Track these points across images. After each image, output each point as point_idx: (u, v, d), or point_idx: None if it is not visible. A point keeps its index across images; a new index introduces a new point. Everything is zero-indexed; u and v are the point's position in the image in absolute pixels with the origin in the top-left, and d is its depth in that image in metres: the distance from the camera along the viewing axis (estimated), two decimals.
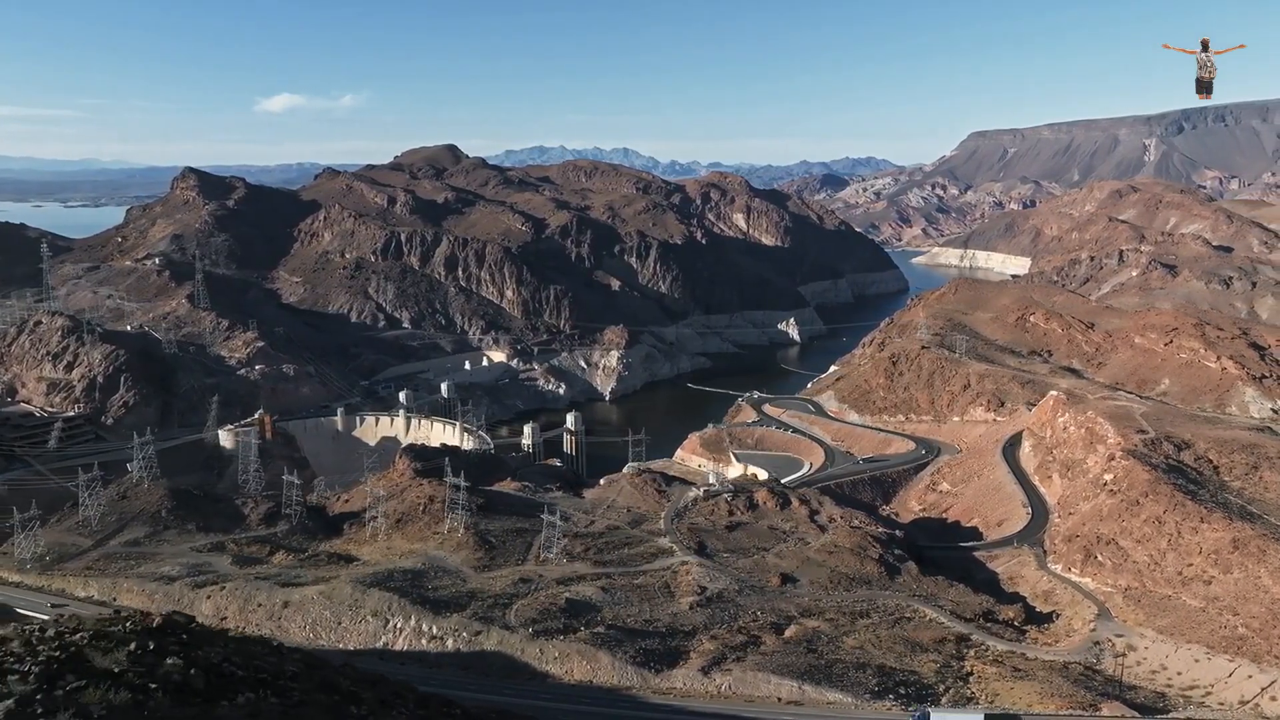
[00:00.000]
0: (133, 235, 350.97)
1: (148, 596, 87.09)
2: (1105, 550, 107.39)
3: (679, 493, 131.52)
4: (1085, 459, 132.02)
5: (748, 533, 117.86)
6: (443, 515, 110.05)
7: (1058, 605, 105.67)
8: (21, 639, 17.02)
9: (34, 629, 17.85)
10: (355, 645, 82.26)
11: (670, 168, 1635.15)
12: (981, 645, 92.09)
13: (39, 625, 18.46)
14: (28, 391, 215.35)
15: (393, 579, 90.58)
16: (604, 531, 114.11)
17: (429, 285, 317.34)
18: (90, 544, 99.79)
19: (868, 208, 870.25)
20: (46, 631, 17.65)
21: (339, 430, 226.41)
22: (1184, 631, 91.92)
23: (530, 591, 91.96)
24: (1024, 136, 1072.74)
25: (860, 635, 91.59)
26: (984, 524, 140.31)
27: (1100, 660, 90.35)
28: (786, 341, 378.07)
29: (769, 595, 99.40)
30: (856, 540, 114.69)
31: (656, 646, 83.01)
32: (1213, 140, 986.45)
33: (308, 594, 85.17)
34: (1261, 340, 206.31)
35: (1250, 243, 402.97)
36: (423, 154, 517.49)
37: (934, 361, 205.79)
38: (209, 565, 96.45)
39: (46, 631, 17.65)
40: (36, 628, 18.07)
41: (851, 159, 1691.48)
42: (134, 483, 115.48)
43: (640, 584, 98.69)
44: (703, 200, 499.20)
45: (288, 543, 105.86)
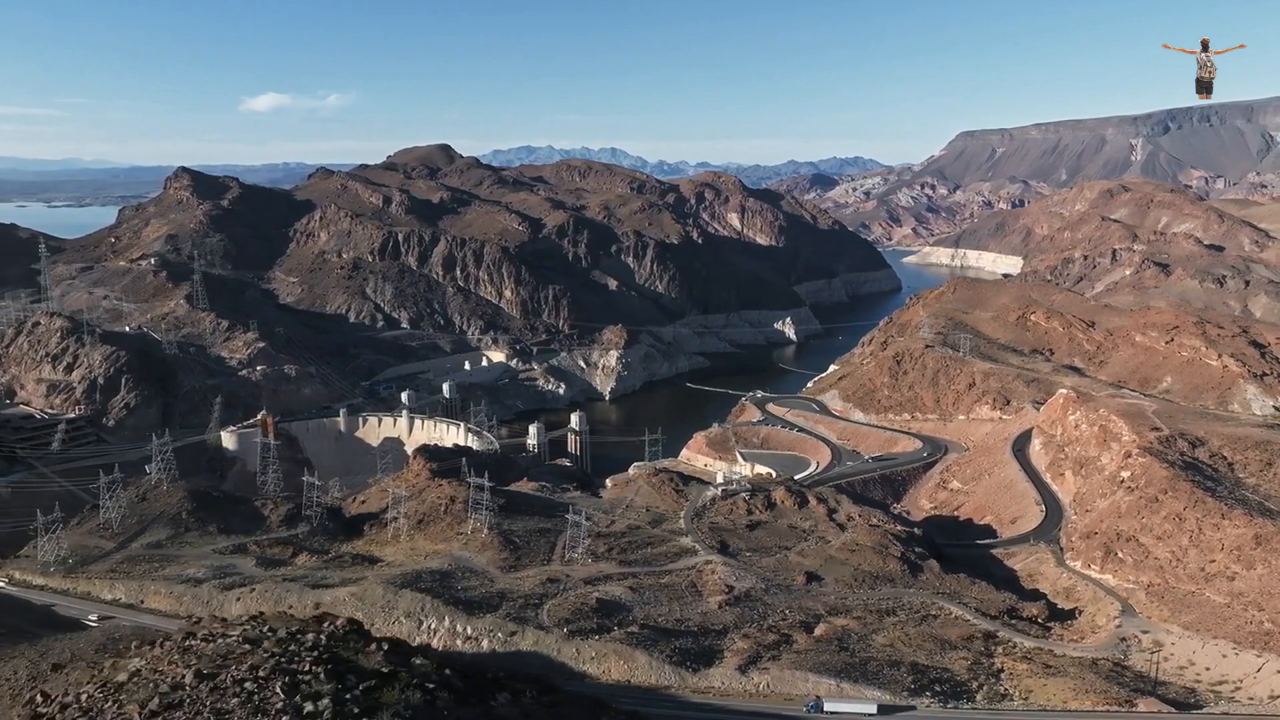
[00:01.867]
0: (126, 235, 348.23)
1: (175, 599, 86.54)
2: (1126, 547, 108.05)
3: (696, 492, 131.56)
4: (1099, 456, 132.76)
5: (768, 531, 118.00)
6: (465, 516, 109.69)
7: (1079, 602, 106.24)
8: (273, 640, 16.78)
9: (262, 628, 17.60)
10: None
11: (659, 167, 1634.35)
12: (1009, 642, 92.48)
13: (258, 626, 18.21)
14: (27, 393, 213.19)
15: (421, 580, 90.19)
16: (625, 531, 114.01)
17: (427, 285, 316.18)
18: (112, 546, 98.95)
19: (857, 207, 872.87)
20: (278, 632, 17.42)
21: (341, 431, 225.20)
22: (1209, 627, 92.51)
23: (559, 591, 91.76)
24: (1012, 136, 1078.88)
25: (889, 633, 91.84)
26: (997, 521, 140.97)
27: (1128, 656, 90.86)
28: (783, 341, 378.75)
29: (795, 594, 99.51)
30: (877, 539, 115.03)
31: (691, 646, 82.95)
32: (1198, 140, 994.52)
33: (339, 595, 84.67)
34: (1261, 338, 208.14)
35: (1241, 241, 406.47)
36: (416, 153, 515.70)
37: (938, 360, 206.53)
38: (233, 567, 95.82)
39: (278, 632, 17.42)
40: (266, 628, 17.82)
41: (839, 159, 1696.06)
42: (152, 484, 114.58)
43: (667, 583, 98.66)
44: (697, 200, 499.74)
45: (310, 544, 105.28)
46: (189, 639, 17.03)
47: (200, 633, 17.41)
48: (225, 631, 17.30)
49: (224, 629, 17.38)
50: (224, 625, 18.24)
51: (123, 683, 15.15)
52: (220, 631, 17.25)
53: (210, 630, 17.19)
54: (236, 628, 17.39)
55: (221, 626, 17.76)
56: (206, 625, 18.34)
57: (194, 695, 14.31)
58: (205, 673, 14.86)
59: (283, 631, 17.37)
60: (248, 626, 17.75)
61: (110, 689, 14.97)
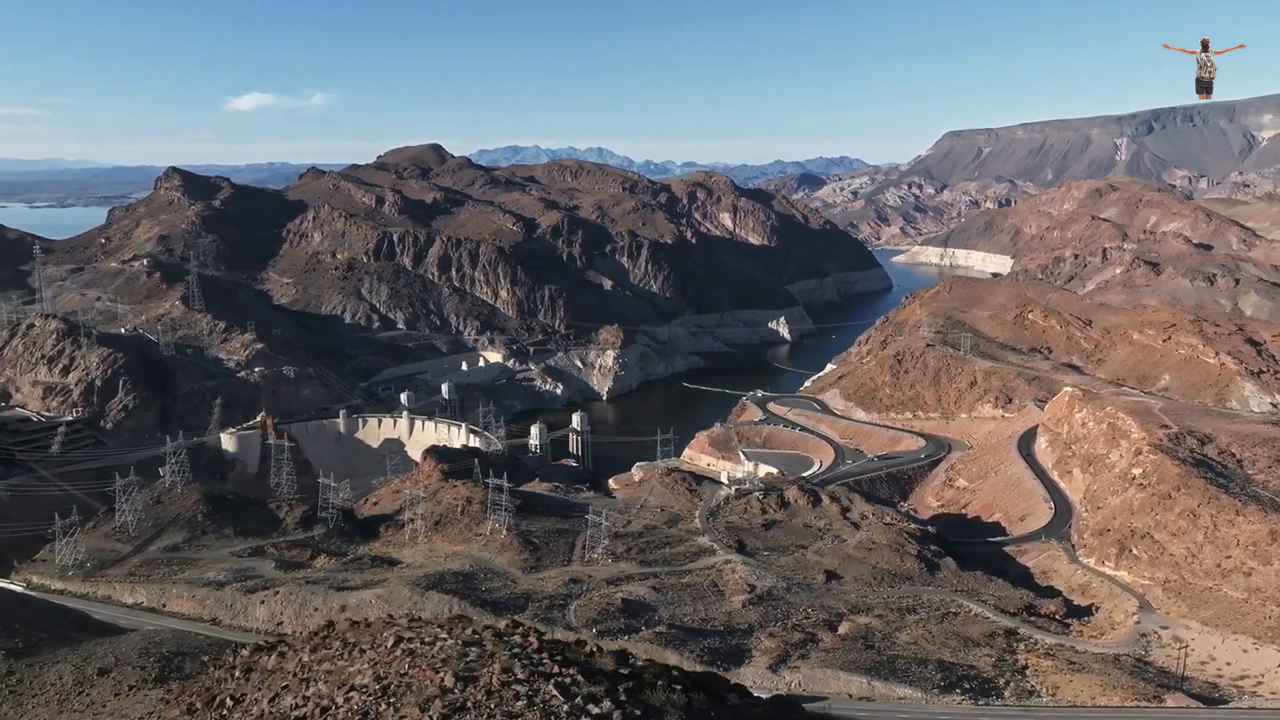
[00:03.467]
0: (117, 236, 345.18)
1: (198, 602, 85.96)
2: (1140, 544, 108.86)
3: (710, 492, 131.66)
4: (1108, 454, 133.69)
5: (784, 530, 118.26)
6: (482, 517, 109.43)
7: (1095, 599, 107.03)
8: (492, 641, 16.56)
9: (465, 629, 17.34)
10: None
11: (645, 167, 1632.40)
12: (1030, 639, 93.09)
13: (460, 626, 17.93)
14: (22, 395, 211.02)
15: (445, 581, 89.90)
16: (643, 531, 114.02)
17: (422, 286, 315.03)
18: (129, 549, 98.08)
19: (845, 207, 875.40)
20: (481, 632, 17.22)
21: (341, 432, 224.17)
22: (1228, 622, 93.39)
23: (583, 592, 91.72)
24: (998, 136, 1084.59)
25: (913, 631, 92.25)
26: (1006, 519, 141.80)
27: (1149, 652, 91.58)
28: (777, 340, 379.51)
29: (816, 593, 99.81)
30: (893, 537, 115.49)
31: (719, 645, 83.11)
32: (1181, 140, 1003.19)
33: (365, 598, 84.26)
34: (1257, 336, 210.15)
35: (1229, 240, 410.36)
36: (407, 153, 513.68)
37: (939, 359, 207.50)
38: (253, 570, 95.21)
39: (481, 632, 17.22)
40: (469, 629, 17.57)
41: (825, 159, 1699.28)
42: (167, 487, 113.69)
43: (688, 583, 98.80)
44: (689, 200, 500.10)
45: (327, 546, 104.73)
46: (402, 641, 16.76)
47: (405, 635, 17.17)
48: (433, 634, 17.04)
49: (432, 631, 17.10)
50: (432, 626, 17.97)
51: (367, 685, 14.89)
52: (432, 635, 16.98)
53: (419, 633, 16.93)
54: (438, 629, 17.13)
55: (425, 627, 17.48)
56: (405, 627, 18.10)
57: (472, 698, 14.07)
58: (462, 675, 14.63)
59: (488, 632, 17.14)
60: (451, 627, 17.51)
61: (372, 695, 14.70)
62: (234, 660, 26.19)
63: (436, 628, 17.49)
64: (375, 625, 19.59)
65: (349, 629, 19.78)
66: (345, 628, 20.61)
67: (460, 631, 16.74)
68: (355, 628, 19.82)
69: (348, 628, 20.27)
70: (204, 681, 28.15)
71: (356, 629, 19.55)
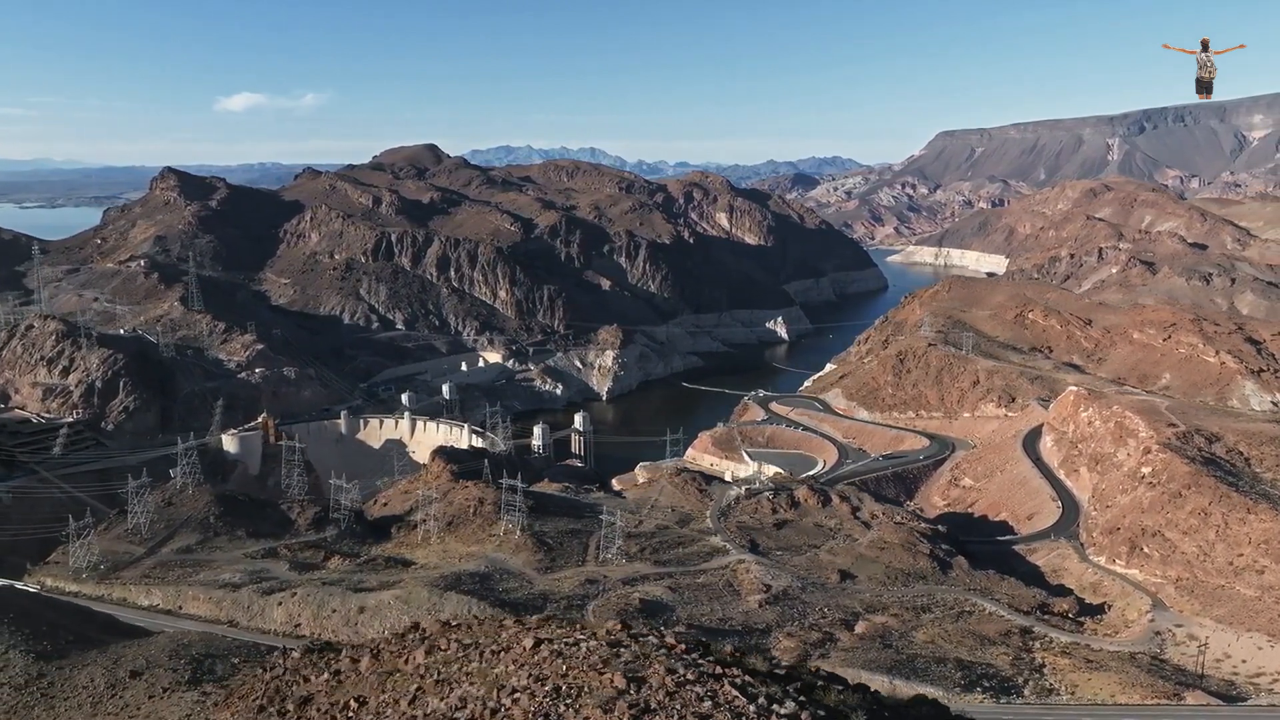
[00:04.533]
0: (113, 237, 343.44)
1: (215, 604, 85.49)
2: (1151, 542, 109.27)
3: (720, 491, 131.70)
4: (1115, 453, 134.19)
5: (795, 530, 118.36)
6: (494, 517, 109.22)
7: (1107, 597, 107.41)
8: (638, 643, 16.40)
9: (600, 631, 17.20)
10: None
11: (638, 167, 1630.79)
12: (1045, 637, 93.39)
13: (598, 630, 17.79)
14: (21, 397, 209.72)
15: (462, 582, 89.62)
16: (655, 531, 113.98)
17: (421, 286, 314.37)
18: (143, 551, 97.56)
19: (839, 207, 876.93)
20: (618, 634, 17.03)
21: (343, 433, 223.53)
22: (1242, 620, 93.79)
23: (600, 592, 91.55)
24: (991, 136, 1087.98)
25: (929, 630, 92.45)
26: (1013, 518, 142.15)
27: (1164, 650, 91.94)
28: (775, 340, 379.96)
29: (831, 592, 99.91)
30: (904, 536, 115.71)
31: (739, 645, 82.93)
32: (1173, 140, 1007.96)
33: (383, 599, 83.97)
34: (1256, 335, 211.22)
35: (1224, 240, 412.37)
36: (403, 153, 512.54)
37: (941, 358, 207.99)
38: (267, 571, 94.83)
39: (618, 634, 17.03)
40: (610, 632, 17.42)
41: (818, 158, 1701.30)
42: (178, 488, 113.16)
43: (704, 583, 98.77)
44: (685, 200, 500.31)
45: (340, 547, 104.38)
46: (542, 643, 16.58)
47: (542, 636, 16.98)
48: (574, 636, 16.89)
49: (574, 634, 16.93)
50: (572, 629, 17.79)
51: (529, 687, 14.71)
52: (574, 637, 16.82)
53: (563, 636, 16.76)
54: (577, 632, 16.96)
55: (566, 630, 17.31)
56: (535, 627, 17.92)
57: (653, 699, 13.91)
58: (630, 676, 14.49)
59: (624, 635, 17.00)
60: (593, 631, 17.36)
61: (543, 695, 14.52)
62: (293, 663, 25.94)
63: (557, 627, 17.38)
64: (478, 627, 19.40)
65: (441, 630, 19.57)
66: (437, 629, 20.42)
67: (599, 633, 16.61)
68: (451, 629, 19.61)
69: (440, 629, 20.06)
70: (258, 685, 27.89)
71: (456, 630, 19.33)
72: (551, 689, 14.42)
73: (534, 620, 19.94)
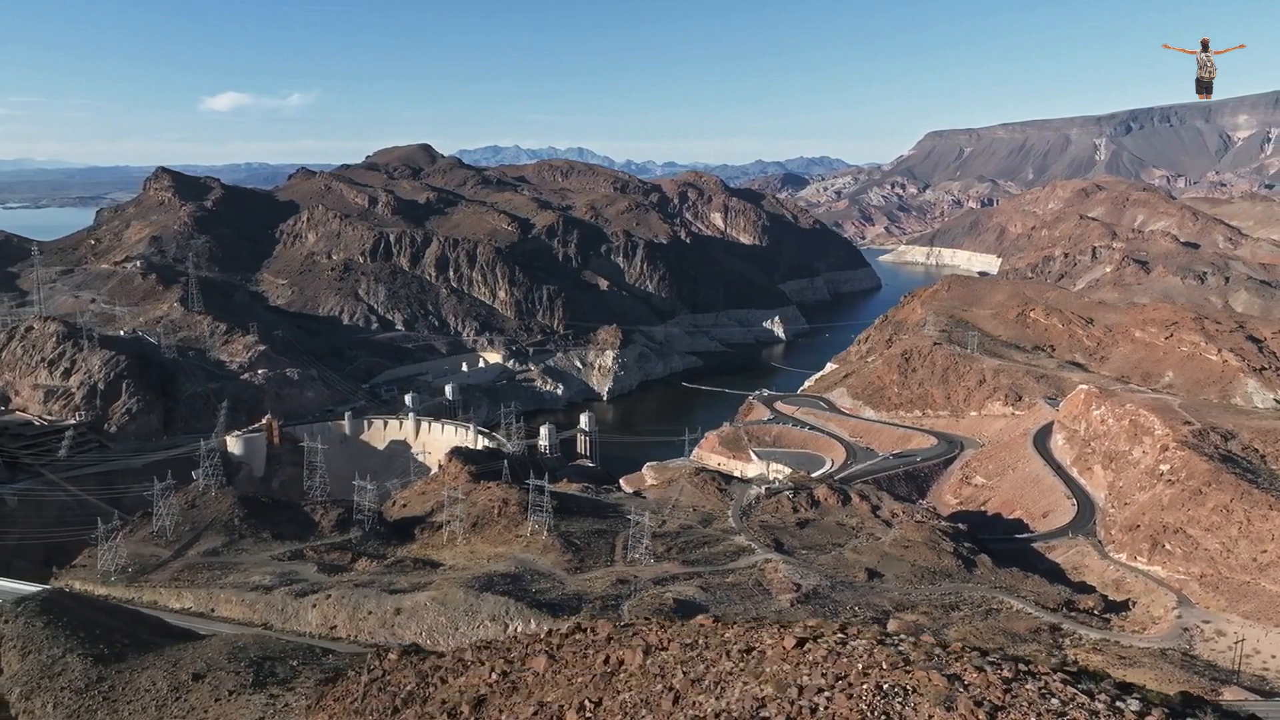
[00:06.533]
0: (107, 237, 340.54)
1: (248, 607, 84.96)
2: (1174, 539, 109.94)
3: (740, 491, 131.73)
4: (1131, 450, 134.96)
5: (818, 529, 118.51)
6: (520, 518, 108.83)
7: (1131, 594, 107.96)
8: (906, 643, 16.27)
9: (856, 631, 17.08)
10: None
11: (626, 167, 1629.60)
12: (1074, 634, 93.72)
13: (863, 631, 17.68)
14: (22, 399, 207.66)
15: (495, 583, 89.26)
16: (679, 531, 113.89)
17: (420, 287, 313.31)
18: (169, 554, 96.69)
19: (830, 206, 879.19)
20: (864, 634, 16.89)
21: (346, 434, 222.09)
22: (1269, 616, 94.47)
23: (633, 592, 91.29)
24: (979, 136, 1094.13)
25: (959, 627, 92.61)
26: (1027, 515, 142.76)
27: (1194, 646, 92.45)
28: (772, 340, 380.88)
29: (860, 590, 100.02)
30: (926, 534, 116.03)
31: None
32: (1159, 140, 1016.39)
33: (419, 600, 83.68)
34: (1257, 333, 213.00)
35: (1215, 239, 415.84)
36: (397, 153, 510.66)
37: (947, 357, 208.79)
38: (297, 573, 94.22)
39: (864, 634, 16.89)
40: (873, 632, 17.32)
41: (806, 158, 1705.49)
42: (200, 491, 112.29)
43: (733, 582, 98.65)
44: (680, 200, 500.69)
45: (366, 549, 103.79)
46: (801, 645, 16.44)
47: (808, 638, 16.85)
48: (844, 636, 16.78)
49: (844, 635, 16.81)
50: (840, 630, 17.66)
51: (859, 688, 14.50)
52: (845, 638, 16.71)
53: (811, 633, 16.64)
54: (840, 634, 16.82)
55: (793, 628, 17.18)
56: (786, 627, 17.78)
57: (992, 696, 13.80)
58: (946, 675, 14.41)
59: (881, 634, 16.98)
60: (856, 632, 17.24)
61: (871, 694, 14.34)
62: (452, 659, 25.62)
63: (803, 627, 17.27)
64: (672, 626, 19.23)
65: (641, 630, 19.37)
66: (616, 630, 20.22)
67: (866, 633, 16.53)
68: (654, 629, 19.42)
69: (636, 629, 19.82)
70: (387, 687, 27.59)
71: (658, 630, 19.14)
72: (875, 687, 14.25)
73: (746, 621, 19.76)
